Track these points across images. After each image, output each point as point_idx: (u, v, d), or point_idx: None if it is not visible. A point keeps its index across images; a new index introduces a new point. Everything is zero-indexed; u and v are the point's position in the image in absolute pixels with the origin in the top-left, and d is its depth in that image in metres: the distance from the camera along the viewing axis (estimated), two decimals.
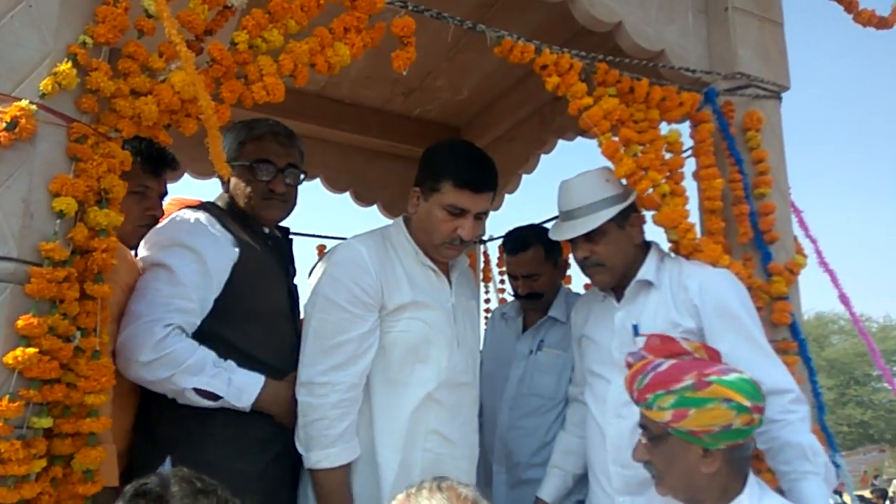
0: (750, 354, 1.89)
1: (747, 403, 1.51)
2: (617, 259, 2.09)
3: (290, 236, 2.24)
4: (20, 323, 1.30)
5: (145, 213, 1.94)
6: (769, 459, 1.89)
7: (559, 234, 2.15)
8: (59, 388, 1.35)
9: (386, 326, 1.88)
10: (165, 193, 2.06)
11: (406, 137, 3.93)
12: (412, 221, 2.01)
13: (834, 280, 2.45)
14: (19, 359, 1.28)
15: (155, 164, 1.95)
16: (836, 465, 2.35)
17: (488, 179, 1.92)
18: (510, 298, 2.94)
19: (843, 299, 2.46)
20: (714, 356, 1.66)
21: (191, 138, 1.67)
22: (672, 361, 1.61)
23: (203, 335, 1.78)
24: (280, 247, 2.08)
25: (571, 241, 2.13)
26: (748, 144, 2.39)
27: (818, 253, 2.45)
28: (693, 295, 1.98)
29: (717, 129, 2.39)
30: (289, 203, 2.03)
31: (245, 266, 1.86)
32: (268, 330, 1.90)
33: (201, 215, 1.88)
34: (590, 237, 2.07)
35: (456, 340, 1.96)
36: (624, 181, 2.13)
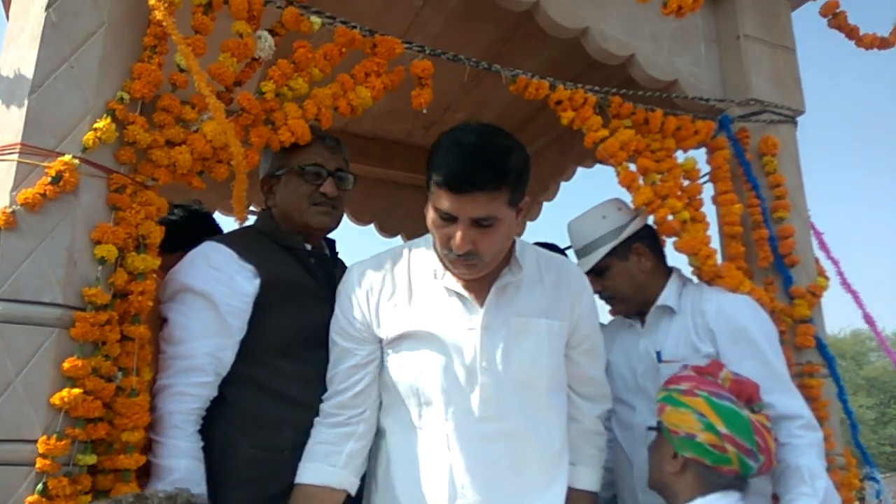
0: (763, 380, 1.90)
1: (721, 428, 1.61)
2: (627, 289, 2.14)
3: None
4: (66, 365, 1.38)
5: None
6: (773, 484, 1.88)
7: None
8: (102, 427, 1.41)
9: (385, 360, 1.69)
10: None
11: None
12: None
13: (857, 300, 2.45)
14: (65, 399, 1.36)
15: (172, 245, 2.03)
16: (876, 481, 2.33)
17: (478, 177, 1.44)
18: None
19: (868, 319, 2.46)
20: (738, 391, 1.71)
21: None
22: (691, 374, 1.77)
23: (232, 379, 1.68)
24: (324, 264, 1.89)
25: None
26: (765, 169, 2.42)
27: (840, 274, 2.46)
28: (710, 319, 2.00)
29: (733, 156, 2.42)
30: (338, 210, 1.90)
31: (270, 295, 1.71)
32: (300, 361, 1.73)
33: (215, 251, 1.73)
34: (598, 273, 2.14)
35: (476, 378, 1.58)
36: (623, 214, 2.18)
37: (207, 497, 1.56)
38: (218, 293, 1.65)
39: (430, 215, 1.56)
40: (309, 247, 1.87)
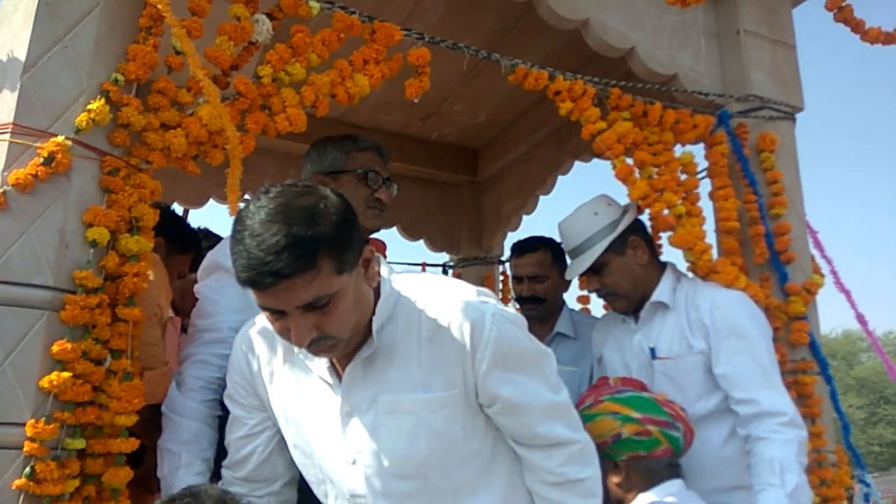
0: (750, 376, 1.91)
1: (636, 415, 1.70)
2: (626, 285, 2.12)
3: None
4: (55, 348, 1.36)
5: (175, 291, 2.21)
6: (749, 475, 1.87)
7: (569, 272, 2.23)
8: (91, 410, 1.40)
9: None
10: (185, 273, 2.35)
11: (424, 161, 4.00)
12: None
13: (850, 300, 2.45)
14: (54, 382, 1.34)
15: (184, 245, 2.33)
16: (866, 484, 2.34)
17: (279, 264, 1.10)
18: None
19: (860, 318, 2.46)
20: (635, 386, 1.84)
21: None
22: (588, 391, 1.86)
23: None
24: None
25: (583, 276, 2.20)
26: (762, 166, 2.41)
27: (834, 273, 2.46)
28: (703, 314, 2.00)
29: (731, 151, 2.41)
30: (385, 214, 2.01)
31: None
32: None
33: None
34: (595, 270, 2.12)
35: (353, 472, 1.34)
36: (614, 209, 2.16)
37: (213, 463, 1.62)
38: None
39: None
40: None
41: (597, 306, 3.02)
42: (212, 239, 2.64)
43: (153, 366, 1.65)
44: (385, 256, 2.14)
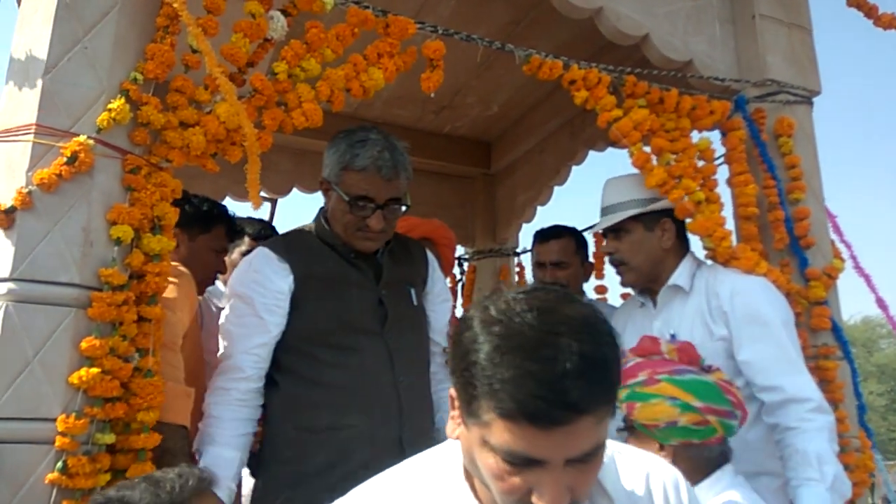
0: (773, 363, 1.89)
1: (696, 404, 1.57)
2: (639, 259, 2.12)
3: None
4: (84, 345, 1.39)
5: (217, 268, 2.28)
6: (784, 468, 1.86)
7: (597, 226, 2.23)
8: (120, 406, 1.42)
9: None
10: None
11: (438, 154, 4.00)
12: None
13: (870, 284, 2.42)
14: (83, 378, 1.37)
15: (236, 232, 2.39)
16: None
17: (578, 395, 0.81)
18: None
19: (881, 303, 2.44)
20: (688, 359, 1.69)
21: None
22: (637, 360, 1.70)
23: (279, 367, 1.82)
24: (369, 258, 1.93)
25: (604, 237, 2.20)
26: (780, 150, 2.39)
27: (853, 258, 2.44)
28: (724, 301, 1.98)
29: (748, 137, 2.39)
30: (386, 234, 1.90)
31: (305, 288, 1.82)
32: (336, 347, 1.81)
33: (257, 255, 1.88)
34: (616, 234, 2.13)
35: None
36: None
37: (252, 473, 1.86)
38: (255, 294, 1.79)
39: (486, 459, 0.86)
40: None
41: (614, 296, 3.03)
42: (268, 231, 2.68)
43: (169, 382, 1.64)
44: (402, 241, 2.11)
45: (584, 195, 2.34)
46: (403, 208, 1.90)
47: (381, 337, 1.85)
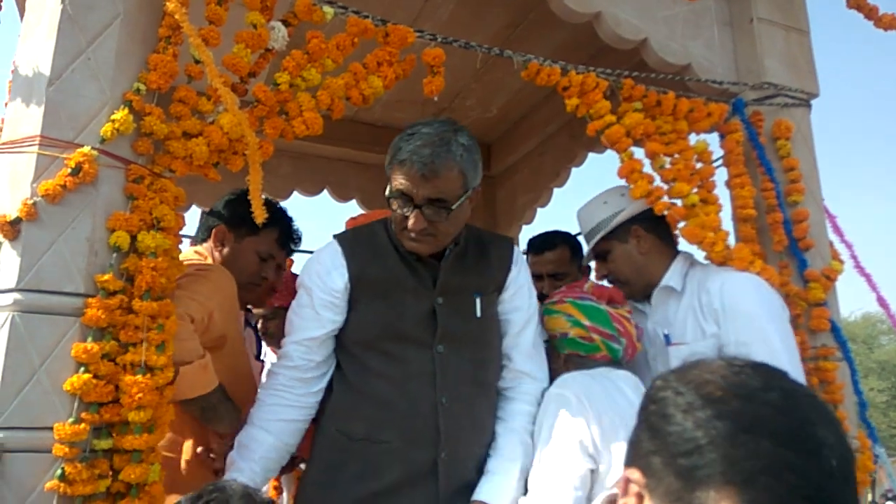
0: (755, 354, 1.88)
1: (585, 322, 1.90)
2: (627, 271, 2.18)
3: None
4: (75, 350, 1.40)
5: (260, 274, 2.14)
6: None
7: (584, 259, 2.33)
8: (112, 409, 1.43)
9: None
10: (283, 267, 2.25)
11: None
12: None
13: (871, 283, 2.44)
14: (76, 384, 1.38)
15: (288, 240, 2.20)
16: (876, 456, 2.33)
17: None
18: None
19: (882, 302, 2.45)
20: (598, 294, 1.97)
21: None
22: (563, 289, 2.04)
23: (337, 365, 1.82)
24: (431, 261, 1.80)
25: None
26: (779, 153, 2.41)
27: (854, 258, 2.45)
28: (713, 297, 2.00)
29: (746, 139, 2.41)
30: (436, 237, 1.72)
31: (360, 290, 1.77)
32: (387, 359, 1.74)
33: (326, 247, 1.85)
34: (601, 257, 2.21)
35: None
36: (626, 198, 2.19)
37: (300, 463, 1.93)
38: (315, 286, 1.77)
39: None
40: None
41: None
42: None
43: (188, 359, 1.65)
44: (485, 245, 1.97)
45: (583, 197, 2.34)
46: (447, 214, 1.68)
47: (430, 350, 1.74)
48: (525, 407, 1.83)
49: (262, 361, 2.69)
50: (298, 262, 3.51)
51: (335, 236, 1.87)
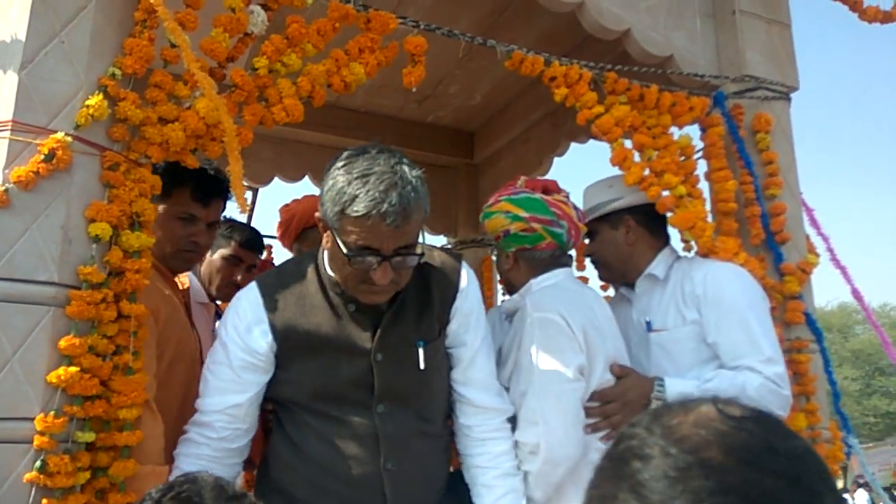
0: (738, 345, 1.94)
1: (523, 214, 1.93)
2: (609, 257, 2.22)
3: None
4: (62, 343, 1.38)
5: (188, 238, 1.94)
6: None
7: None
8: (99, 404, 1.42)
9: None
10: (216, 222, 2.05)
11: (420, 143, 3.99)
12: None
13: (846, 276, 2.48)
14: (62, 377, 1.37)
15: (204, 193, 1.94)
16: (849, 446, 2.38)
17: None
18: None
19: (856, 294, 2.49)
20: (532, 186, 2.01)
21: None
22: (497, 192, 2.06)
23: (275, 412, 1.68)
24: (371, 311, 1.61)
25: None
26: (758, 146, 2.42)
27: (830, 250, 2.48)
28: (696, 285, 2.04)
29: (726, 132, 2.42)
30: (397, 285, 1.55)
31: (288, 348, 1.59)
32: (325, 420, 1.59)
33: (246, 295, 1.65)
34: (591, 236, 2.25)
35: None
36: (631, 188, 2.19)
37: None
38: (233, 343, 1.59)
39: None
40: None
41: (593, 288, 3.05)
42: (256, 240, 2.56)
43: (145, 462, 1.50)
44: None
45: (565, 187, 2.33)
46: (415, 260, 1.52)
47: (369, 410, 1.59)
48: (504, 446, 1.72)
49: None
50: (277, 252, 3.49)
51: (257, 281, 1.66)
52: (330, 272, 1.60)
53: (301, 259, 1.72)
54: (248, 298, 1.62)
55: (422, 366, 1.60)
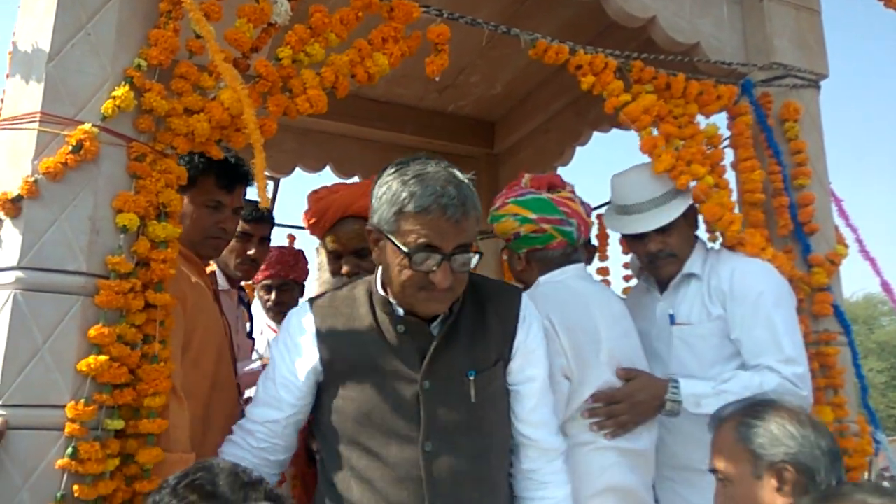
0: (761, 343, 1.93)
1: (532, 216, 1.93)
2: (686, 250, 2.13)
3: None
4: (92, 332, 1.40)
5: (216, 225, 1.94)
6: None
7: (630, 227, 2.14)
8: (128, 392, 1.44)
9: None
10: (240, 208, 2.05)
11: (441, 133, 3.99)
12: None
13: (875, 268, 2.43)
14: (92, 366, 1.38)
15: (229, 180, 1.94)
16: (878, 442, 2.34)
17: None
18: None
19: (885, 286, 2.45)
20: (538, 185, 1.99)
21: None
22: (501, 193, 2.05)
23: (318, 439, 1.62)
24: (420, 331, 1.52)
25: (635, 235, 2.14)
26: (786, 135, 2.38)
27: (859, 241, 2.44)
28: (723, 281, 2.02)
29: (754, 122, 2.38)
30: (454, 293, 1.48)
31: (331, 373, 1.55)
32: (367, 456, 1.48)
33: (298, 313, 1.63)
34: (664, 230, 2.09)
35: None
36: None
37: None
38: (280, 363, 1.58)
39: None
40: (402, 312, 1.53)
41: (616, 278, 3.03)
42: (261, 213, 2.52)
43: (172, 449, 1.51)
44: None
45: (588, 176, 2.31)
46: (475, 259, 1.45)
47: (416, 447, 1.46)
48: (567, 489, 1.61)
49: (254, 339, 2.68)
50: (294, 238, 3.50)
51: (310, 303, 1.62)
52: (381, 291, 1.55)
53: (355, 283, 1.66)
54: (300, 320, 1.60)
55: (473, 398, 1.50)
